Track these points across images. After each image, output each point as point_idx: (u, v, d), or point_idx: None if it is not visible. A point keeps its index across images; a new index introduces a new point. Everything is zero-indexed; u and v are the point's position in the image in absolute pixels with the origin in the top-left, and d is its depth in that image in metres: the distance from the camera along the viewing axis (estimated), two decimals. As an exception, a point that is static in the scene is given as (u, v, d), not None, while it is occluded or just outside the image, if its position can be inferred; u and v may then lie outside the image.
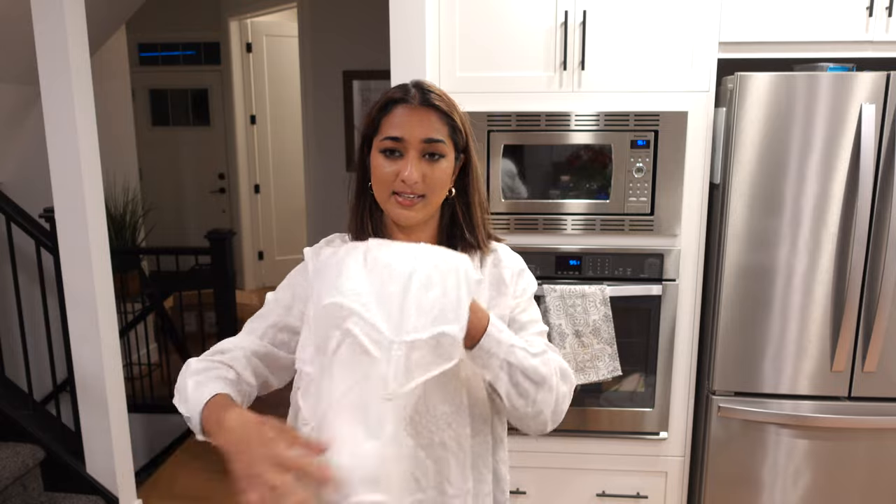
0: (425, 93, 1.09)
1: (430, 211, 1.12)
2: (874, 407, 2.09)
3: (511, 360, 0.99)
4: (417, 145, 1.07)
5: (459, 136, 1.11)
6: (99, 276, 2.41)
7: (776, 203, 2.01)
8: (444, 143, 1.08)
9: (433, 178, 1.08)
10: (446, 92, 1.12)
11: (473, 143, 1.15)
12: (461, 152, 1.13)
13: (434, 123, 1.08)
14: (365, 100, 4.23)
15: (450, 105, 1.10)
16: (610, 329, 2.15)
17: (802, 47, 2.06)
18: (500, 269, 1.16)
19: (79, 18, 2.27)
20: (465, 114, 1.14)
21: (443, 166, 1.09)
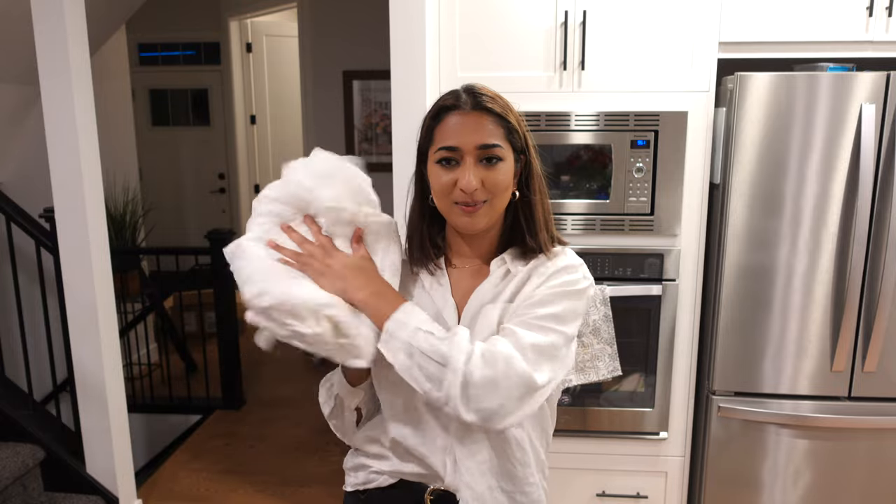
0: (477, 96, 1.07)
1: (495, 216, 1.10)
2: (874, 407, 2.09)
3: (412, 342, 0.99)
4: (473, 152, 1.05)
5: (516, 138, 1.09)
6: (99, 276, 2.41)
7: (776, 203, 2.01)
8: (501, 147, 1.06)
9: (493, 182, 1.06)
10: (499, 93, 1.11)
11: (532, 144, 1.13)
12: (520, 153, 1.11)
13: (488, 127, 1.06)
14: (365, 100, 4.24)
15: (504, 107, 1.09)
16: (610, 329, 2.15)
17: (802, 47, 2.06)
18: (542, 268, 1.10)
19: (79, 18, 2.27)
20: (520, 115, 1.12)
21: (502, 169, 1.07)
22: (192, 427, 3.54)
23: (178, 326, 4.35)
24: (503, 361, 0.98)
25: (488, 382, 0.97)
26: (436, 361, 0.98)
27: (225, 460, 3.10)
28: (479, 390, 0.97)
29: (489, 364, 0.97)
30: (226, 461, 3.09)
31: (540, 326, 1.03)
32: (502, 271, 1.13)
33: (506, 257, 1.13)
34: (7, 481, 2.38)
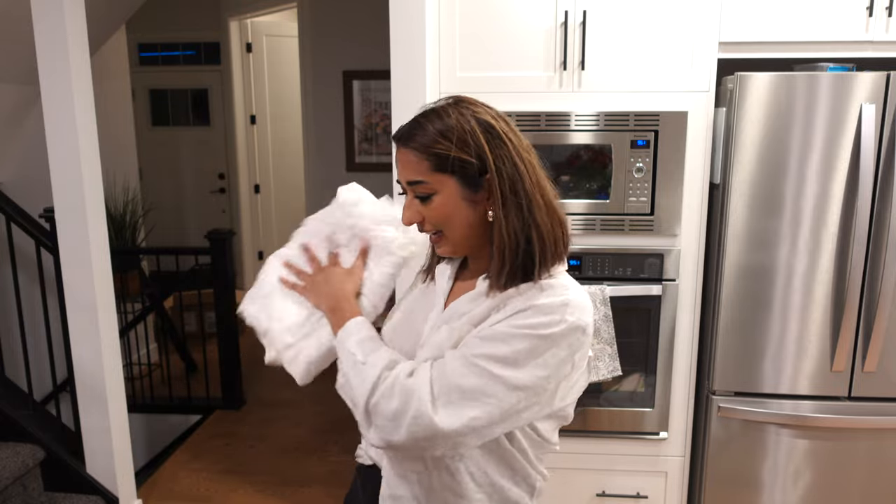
0: (411, 126, 1.03)
1: (458, 246, 1.06)
2: (874, 407, 2.09)
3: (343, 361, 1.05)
4: (407, 187, 1.04)
5: (453, 165, 0.99)
6: (99, 276, 2.41)
7: (776, 203, 2.01)
8: (426, 183, 1.01)
9: (432, 218, 1.04)
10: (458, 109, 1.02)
11: (502, 155, 1.00)
12: (479, 172, 1.00)
13: (410, 164, 1.02)
14: (365, 100, 4.24)
15: (432, 134, 0.99)
16: (610, 329, 2.15)
17: (802, 47, 2.06)
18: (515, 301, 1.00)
19: (79, 18, 2.27)
20: (475, 130, 1.00)
21: (438, 203, 1.02)
22: (192, 427, 3.54)
23: (178, 326, 4.35)
24: (404, 396, 0.94)
25: (391, 416, 0.95)
26: (352, 385, 1.01)
27: (225, 460, 3.10)
28: (383, 422, 0.95)
29: (393, 396, 0.95)
30: (226, 461, 3.09)
31: (475, 365, 0.95)
32: (483, 289, 1.04)
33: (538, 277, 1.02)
34: (7, 481, 2.38)
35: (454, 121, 1.00)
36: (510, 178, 1.00)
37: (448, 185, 1.01)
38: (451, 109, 1.02)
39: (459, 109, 1.02)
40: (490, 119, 1.02)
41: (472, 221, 1.03)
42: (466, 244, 1.06)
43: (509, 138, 1.02)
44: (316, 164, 4.53)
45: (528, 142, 1.06)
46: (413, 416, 0.93)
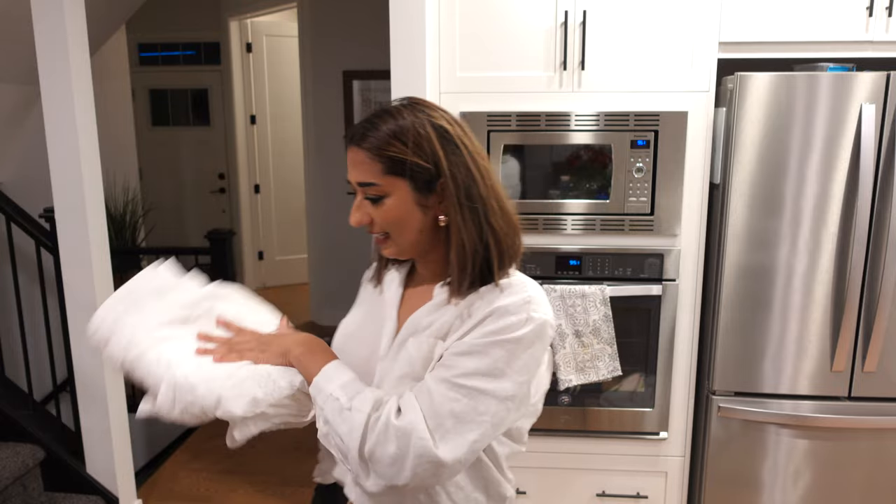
0: (364, 126, 1.00)
1: (404, 248, 1.04)
2: (874, 407, 2.09)
3: (325, 411, 0.97)
4: (357, 188, 1.02)
5: (406, 168, 0.97)
6: (99, 276, 2.41)
7: (776, 203, 2.01)
8: (378, 185, 0.99)
9: (380, 220, 1.02)
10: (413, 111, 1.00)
11: (456, 160, 0.99)
12: (432, 178, 0.99)
13: (362, 165, 0.99)
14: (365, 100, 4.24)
15: (384, 136, 0.97)
16: (610, 329, 2.15)
17: (802, 47, 2.06)
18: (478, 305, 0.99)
19: (79, 18, 2.27)
20: (429, 134, 0.98)
21: (389, 206, 1.00)
22: (192, 427, 3.54)
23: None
24: (403, 437, 0.91)
25: (390, 461, 0.92)
26: (340, 435, 0.95)
27: (225, 460, 3.10)
28: (384, 468, 0.92)
29: (388, 441, 0.92)
30: (226, 461, 3.09)
31: (461, 386, 0.93)
32: (443, 298, 1.03)
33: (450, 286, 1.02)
34: (7, 481, 2.38)
35: (409, 123, 0.99)
36: (465, 184, 0.99)
37: (400, 188, 0.99)
38: (406, 112, 1.00)
39: (415, 112, 1.00)
40: (445, 124, 1.01)
41: (422, 226, 1.02)
42: (414, 248, 1.05)
43: (464, 143, 1.01)
44: (316, 164, 4.53)
45: (481, 146, 1.05)
46: (416, 457, 0.91)
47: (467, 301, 1.00)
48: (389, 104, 1.03)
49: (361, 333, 1.13)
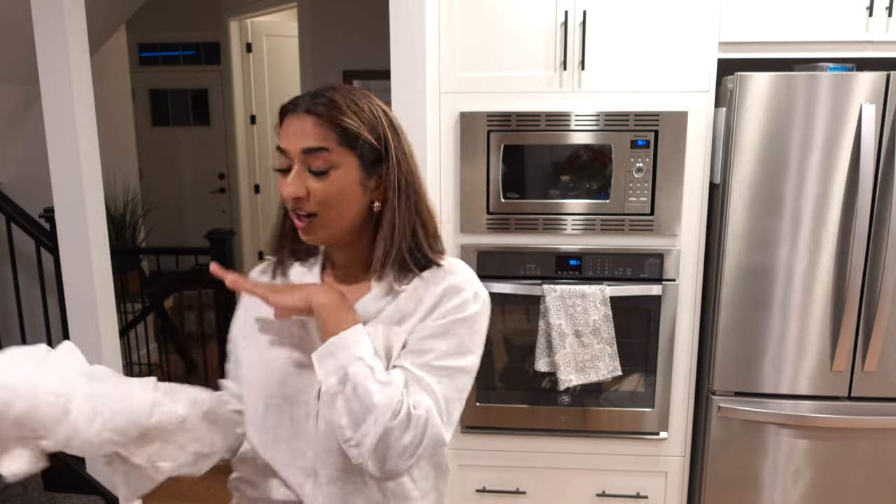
0: (314, 97, 0.96)
1: (333, 231, 0.98)
2: (874, 407, 2.09)
3: (349, 370, 0.91)
4: (299, 157, 0.95)
5: (358, 144, 0.95)
6: (99, 276, 2.41)
7: (776, 203, 2.01)
8: (329, 152, 0.94)
9: (321, 194, 0.95)
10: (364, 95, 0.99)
11: (400, 147, 0.99)
12: (376, 160, 0.98)
13: (313, 130, 0.94)
14: (365, 100, 4.23)
15: (341, 108, 0.95)
16: (610, 329, 2.15)
17: (802, 47, 2.06)
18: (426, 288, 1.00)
19: (79, 18, 2.27)
20: (382, 118, 0.99)
21: (334, 179, 0.95)
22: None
23: (178, 326, 4.34)
24: (423, 426, 0.92)
25: (407, 448, 0.91)
26: (363, 402, 0.90)
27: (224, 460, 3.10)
28: (395, 453, 0.91)
29: (412, 427, 0.91)
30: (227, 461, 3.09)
31: (441, 368, 0.96)
32: (385, 287, 1.01)
33: (390, 272, 1.00)
34: (7, 481, 2.38)
35: (364, 102, 0.98)
36: (405, 171, 1.00)
37: (350, 162, 0.96)
38: (356, 90, 0.99)
39: (362, 93, 0.99)
40: (387, 109, 1.01)
41: (357, 208, 0.98)
42: (342, 233, 0.99)
43: (402, 131, 1.02)
44: (316, 164, 4.52)
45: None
46: (429, 445, 0.93)
47: (413, 286, 1.01)
48: (330, 84, 1.00)
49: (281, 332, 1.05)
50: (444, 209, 2.20)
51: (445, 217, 2.20)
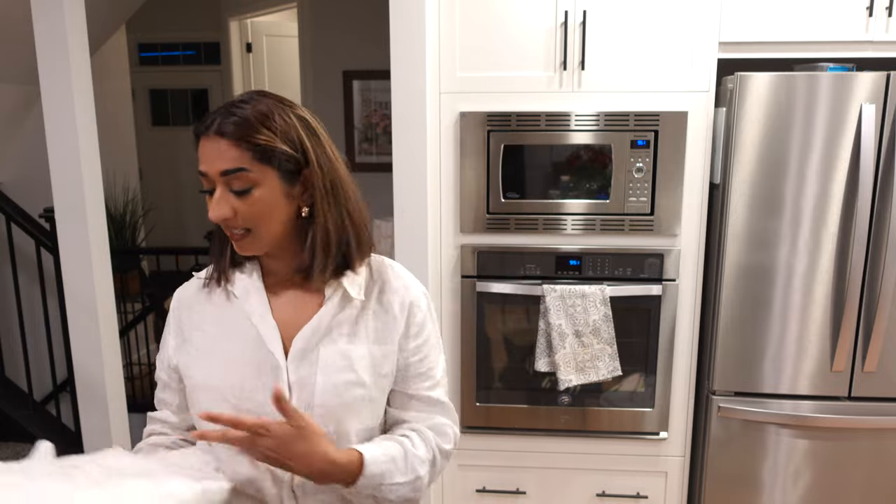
0: (225, 115, 0.95)
1: (267, 242, 0.99)
2: (874, 407, 2.09)
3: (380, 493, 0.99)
4: (219, 179, 0.95)
5: (275, 157, 0.95)
6: (99, 276, 2.41)
7: (776, 203, 2.01)
8: (248, 172, 0.94)
9: (247, 213, 0.96)
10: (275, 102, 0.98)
11: (321, 151, 1.00)
12: (297, 169, 0.97)
13: (228, 152, 0.94)
14: (365, 100, 4.23)
15: (251, 124, 0.94)
16: (610, 329, 2.15)
17: (802, 47, 2.06)
18: (387, 297, 1.06)
19: (79, 18, 2.27)
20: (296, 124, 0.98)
21: (258, 197, 0.95)
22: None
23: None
24: (452, 449, 1.09)
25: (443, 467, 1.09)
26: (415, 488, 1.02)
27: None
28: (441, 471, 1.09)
29: (445, 457, 1.08)
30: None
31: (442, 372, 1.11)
32: (338, 297, 1.03)
33: (344, 282, 1.02)
34: (7, 481, 2.38)
35: (275, 113, 0.97)
36: (329, 172, 1.00)
37: (270, 177, 0.96)
38: (265, 101, 0.98)
39: (274, 102, 0.99)
40: (302, 113, 1.01)
41: (286, 217, 0.99)
42: (276, 242, 1.00)
43: (321, 133, 1.01)
44: (316, 164, 4.52)
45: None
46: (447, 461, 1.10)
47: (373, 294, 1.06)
48: (241, 97, 1.00)
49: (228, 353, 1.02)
50: (444, 209, 2.20)
51: (445, 217, 2.20)
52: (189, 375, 1.05)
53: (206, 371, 1.03)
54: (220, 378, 1.01)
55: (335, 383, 1.00)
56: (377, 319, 1.05)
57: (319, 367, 1.00)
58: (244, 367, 1.00)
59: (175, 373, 1.08)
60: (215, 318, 1.05)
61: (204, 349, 1.04)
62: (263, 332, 1.01)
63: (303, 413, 0.92)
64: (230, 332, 1.03)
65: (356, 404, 1.01)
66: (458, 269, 2.22)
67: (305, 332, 1.01)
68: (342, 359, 1.01)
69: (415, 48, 2.04)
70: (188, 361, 1.05)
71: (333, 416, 1.00)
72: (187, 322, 1.07)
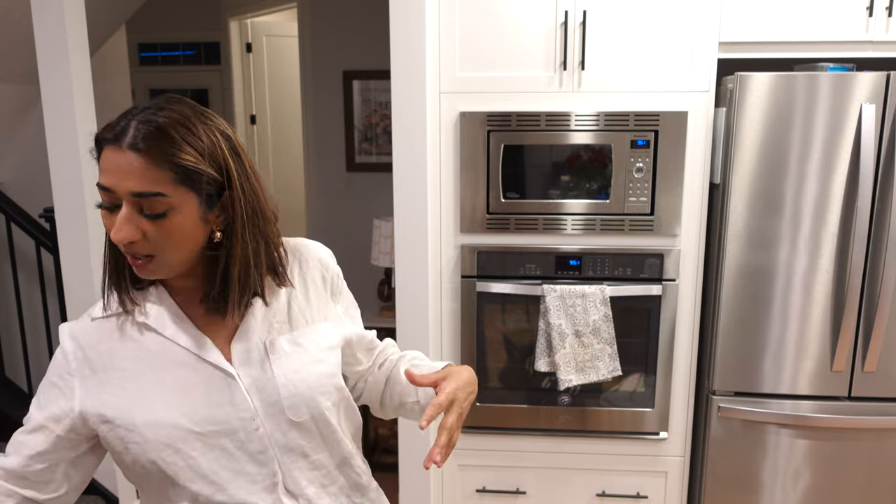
0: (143, 128, 0.83)
1: (174, 268, 0.90)
2: (874, 407, 2.09)
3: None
4: (128, 199, 0.83)
5: (198, 180, 0.85)
6: (99, 277, 2.41)
7: (776, 203, 2.01)
8: (166, 197, 0.84)
9: (158, 238, 0.86)
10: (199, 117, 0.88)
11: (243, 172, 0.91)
12: (218, 193, 0.89)
13: (144, 172, 0.82)
14: (365, 100, 4.23)
15: (178, 143, 0.84)
16: (610, 329, 2.15)
17: (802, 47, 2.06)
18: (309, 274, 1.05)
19: (79, 18, 2.27)
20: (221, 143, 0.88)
21: (173, 223, 0.85)
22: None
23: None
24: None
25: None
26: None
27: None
28: None
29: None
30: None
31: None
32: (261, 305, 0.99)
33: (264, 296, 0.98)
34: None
35: (199, 128, 0.87)
36: (250, 198, 0.92)
37: (189, 202, 0.86)
38: (187, 111, 0.87)
39: (195, 113, 0.88)
40: (224, 128, 0.91)
41: (200, 243, 0.90)
42: (181, 267, 0.91)
43: (242, 150, 0.92)
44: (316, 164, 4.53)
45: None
46: None
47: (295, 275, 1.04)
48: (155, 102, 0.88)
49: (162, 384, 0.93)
50: (444, 209, 2.20)
51: (445, 217, 2.20)
52: (122, 420, 0.92)
53: (145, 408, 0.92)
54: (167, 410, 0.91)
55: (294, 368, 0.97)
56: (308, 298, 1.04)
57: (272, 361, 0.96)
58: (191, 391, 0.93)
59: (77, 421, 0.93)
60: (131, 352, 0.94)
61: (132, 388, 0.93)
62: (197, 349, 0.94)
63: (433, 374, 1.03)
64: (155, 362, 0.93)
65: (321, 382, 0.99)
66: (458, 269, 2.22)
67: (242, 334, 0.96)
68: (290, 345, 0.98)
69: (415, 48, 2.04)
70: (114, 405, 0.92)
71: (304, 402, 0.97)
72: (98, 363, 0.94)
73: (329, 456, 1.03)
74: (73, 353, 0.94)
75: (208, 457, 0.93)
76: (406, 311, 2.20)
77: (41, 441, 0.94)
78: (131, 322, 0.95)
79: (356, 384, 1.20)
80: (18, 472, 0.94)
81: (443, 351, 2.29)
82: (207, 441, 0.93)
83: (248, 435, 0.95)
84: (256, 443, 0.95)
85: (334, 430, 1.02)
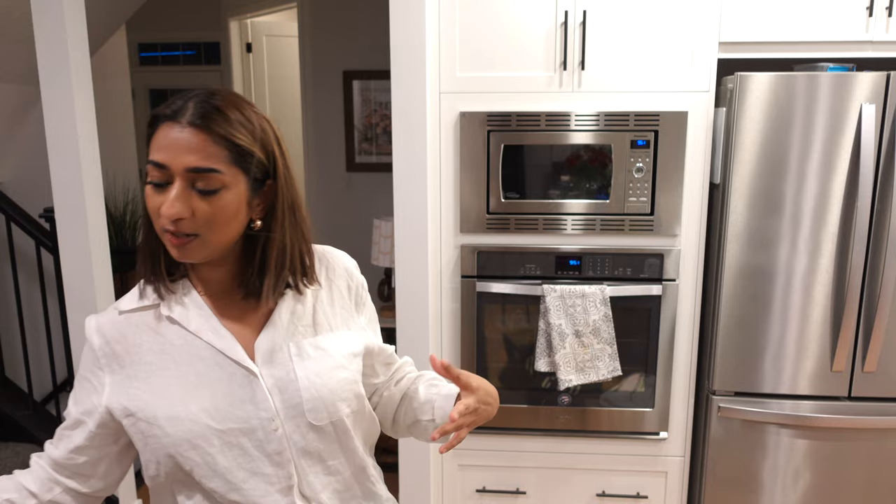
0: (203, 107, 0.86)
1: (211, 251, 0.91)
2: (874, 407, 2.09)
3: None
4: (183, 174, 0.86)
5: (250, 162, 0.89)
6: (99, 276, 2.41)
7: (776, 203, 2.01)
8: (221, 173, 0.87)
9: (207, 216, 0.87)
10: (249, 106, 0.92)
11: (285, 163, 0.94)
12: (263, 180, 0.93)
13: (205, 149, 0.85)
14: (365, 100, 4.24)
15: (235, 123, 0.88)
16: (610, 329, 2.15)
17: (802, 47, 2.06)
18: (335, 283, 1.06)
19: (79, 18, 2.27)
20: (270, 132, 0.93)
21: (223, 200, 0.88)
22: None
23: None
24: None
25: None
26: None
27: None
28: None
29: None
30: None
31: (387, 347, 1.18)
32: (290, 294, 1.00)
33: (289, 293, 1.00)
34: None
35: (252, 114, 0.91)
36: (291, 189, 0.96)
37: (240, 182, 0.89)
38: (239, 100, 0.91)
39: (245, 102, 0.92)
40: (271, 121, 0.95)
41: (241, 228, 0.93)
42: (219, 252, 0.93)
43: (284, 143, 0.96)
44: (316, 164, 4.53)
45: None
46: None
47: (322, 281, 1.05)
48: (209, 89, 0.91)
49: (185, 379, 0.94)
50: (444, 209, 2.20)
51: (445, 217, 2.20)
52: (144, 413, 0.93)
53: (167, 403, 0.92)
54: (188, 405, 0.92)
55: (318, 372, 0.97)
56: (333, 305, 1.04)
57: (295, 363, 0.97)
58: (212, 387, 0.93)
59: (105, 416, 0.95)
60: (155, 345, 0.95)
61: (156, 382, 0.93)
62: (220, 345, 0.94)
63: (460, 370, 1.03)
64: (178, 356, 0.94)
65: (343, 388, 0.99)
66: (458, 269, 2.22)
67: (267, 333, 0.97)
68: (314, 349, 0.99)
69: (415, 48, 2.04)
70: (139, 398, 0.93)
71: (325, 406, 0.97)
72: (126, 357, 0.95)
73: (345, 463, 1.03)
74: (101, 349, 0.96)
75: (226, 454, 0.93)
76: (406, 311, 2.20)
77: (79, 435, 0.97)
78: (157, 316, 0.96)
79: (370, 397, 1.17)
80: (62, 463, 0.98)
81: (443, 351, 2.29)
82: (226, 438, 0.93)
83: (267, 435, 0.94)
84: (275, 443, 0.95)
85: (351, 438, 1.02)
